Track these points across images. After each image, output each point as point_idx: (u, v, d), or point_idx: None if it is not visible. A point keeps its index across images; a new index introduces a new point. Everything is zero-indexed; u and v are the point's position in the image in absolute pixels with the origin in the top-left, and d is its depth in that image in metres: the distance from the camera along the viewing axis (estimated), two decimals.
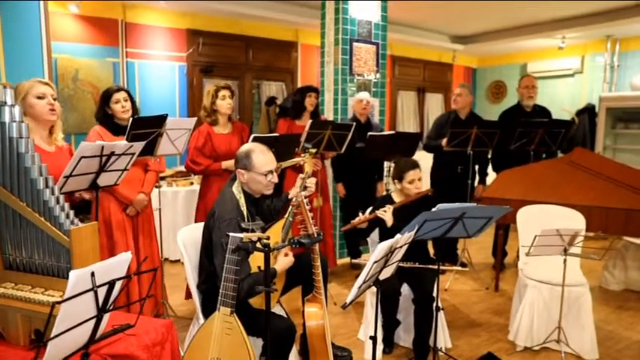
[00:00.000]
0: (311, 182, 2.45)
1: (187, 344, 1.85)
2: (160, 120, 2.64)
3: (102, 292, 1.21)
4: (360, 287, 1.81)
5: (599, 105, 7.44)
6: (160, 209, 3.05)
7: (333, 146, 3.60)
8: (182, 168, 5.11)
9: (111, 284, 1.22)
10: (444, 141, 3.96)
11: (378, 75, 4.68)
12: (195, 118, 2.96)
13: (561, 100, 8.06)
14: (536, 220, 3.10)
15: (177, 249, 4.44)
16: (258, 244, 1.44)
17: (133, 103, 2.87)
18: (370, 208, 2.99)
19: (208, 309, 2.21)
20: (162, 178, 4.70)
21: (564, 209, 3.21)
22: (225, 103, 3.26)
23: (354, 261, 4.38)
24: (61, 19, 4.86)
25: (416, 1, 5.49)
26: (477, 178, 4.33)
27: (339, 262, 4.58)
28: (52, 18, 3.95)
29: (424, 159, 4.06)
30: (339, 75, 4.42)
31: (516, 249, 4.55)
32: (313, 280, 1.73)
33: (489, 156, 4.39)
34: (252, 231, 1.63)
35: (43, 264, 1.54)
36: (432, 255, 3.03)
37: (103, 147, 2.02)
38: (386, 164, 4.53)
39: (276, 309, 2.29)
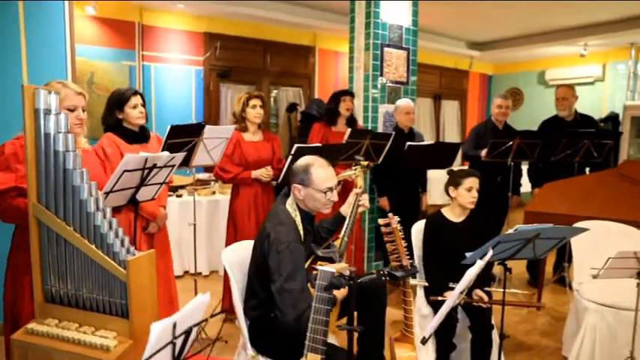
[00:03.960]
0: (364, 198, 2.24)
1: None
2: (197, 128, 2.43)
3: (179, 341, 1.00)
4: (439, 320, 1.60)
5: (623, 113, 7.26)
6: (195, 224, 2.83)
7: (370, 156, 3.40)
8: (200, 176, 4.89)
9: (188, 332, 1.01)
10: (484, 152, 3.77)
11: (410, 82, 4.48)
12: (234, 126, 2.76)
13: (581, 108, 7.84)
14: (590, 238, 2.89)
15: (199, 262, 4.22)
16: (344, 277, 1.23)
17: (145, 107, 2.66)
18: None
19: (257, 338, 2.00)
20: (182, 187, 4.49)
21: (620, 226, 3.00)
22: (254, 112, 3.10)
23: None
24: (77, 20, 4.66)
25: (436, 6, 5.30)
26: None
27: None
28: None
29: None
30: (369, 81, 4.23)
31: (552, 264, 4.35)
32: (404, 317, 1.52)
33: (523, 166, 4.20)
34: (331, 259, 1.42)
35: (92, 298, 1.32)
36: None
37: (146, 159, 1.81)
38: (430, 174, 4.23)
39: (330, 338, 2.08)
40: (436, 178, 4.22)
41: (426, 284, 2.35)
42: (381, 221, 1.56)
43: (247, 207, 3.08)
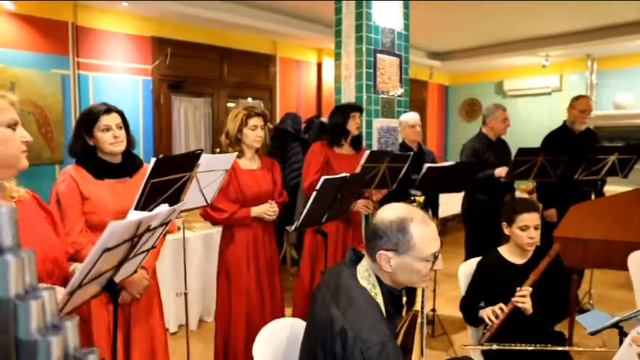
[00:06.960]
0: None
1: None
2: (191, 160, 1.70)
3: None
4: None
5: None
6: (185, 293, 2.04)
7: (385, 182, 2.80)
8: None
9: None
10: (502, 171, 3.31)
11: (402, 92, 3.97)
12: (235, 154, 2.03)
13: (539, 119, 7.92)
14: None
15: (186, 316, 3.31)
16: None
17: (128, 130, 1.88)
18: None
19: None
20: None
21: None
22: (254, 135, 2.39)
23: None
24: None
25: None
26: None
27: None
28: None
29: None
30: (362, 92, 3.65)
31: (585, 293, 3.94)
32: None
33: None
34: None
35: None
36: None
37: (140, 223, 1.06)
38: (441, 197, 3.67)
39: None
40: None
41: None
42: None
43: (245, 255, 2.33)
